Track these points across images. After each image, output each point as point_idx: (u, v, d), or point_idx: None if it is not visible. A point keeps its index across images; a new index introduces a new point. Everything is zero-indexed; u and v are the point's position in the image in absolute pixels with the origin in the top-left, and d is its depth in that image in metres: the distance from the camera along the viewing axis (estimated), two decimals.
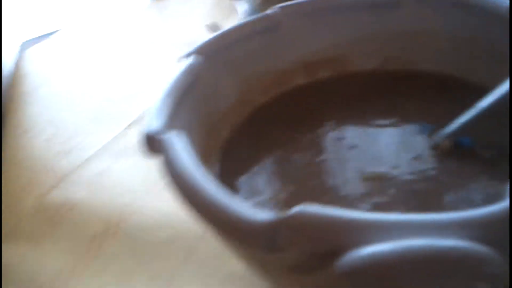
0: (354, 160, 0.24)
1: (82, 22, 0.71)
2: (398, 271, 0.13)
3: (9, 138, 0.48)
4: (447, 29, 0.27)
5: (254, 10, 0.61)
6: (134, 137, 0.47)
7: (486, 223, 0.14)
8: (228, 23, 0.61)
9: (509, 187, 0.15)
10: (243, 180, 0.25)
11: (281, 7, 0.29)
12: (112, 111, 0.48)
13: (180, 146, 0.20)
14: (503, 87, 0.21)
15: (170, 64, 0.57)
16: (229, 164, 0.26)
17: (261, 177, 0.25)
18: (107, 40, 0.64)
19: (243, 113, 0.29)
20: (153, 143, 0.21)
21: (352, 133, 0.26)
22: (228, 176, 0.25)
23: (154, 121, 0.22)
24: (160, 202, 0.35)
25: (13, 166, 0.44)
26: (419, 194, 0.21)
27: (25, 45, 0.66)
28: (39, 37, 0.68)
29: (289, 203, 0.18)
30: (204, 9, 0.67)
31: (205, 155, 0.25)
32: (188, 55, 0.26)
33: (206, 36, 0.56)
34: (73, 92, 0.54)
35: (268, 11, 0.29)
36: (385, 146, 0.24)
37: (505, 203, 0.14)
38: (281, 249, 0.15)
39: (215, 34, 0.28)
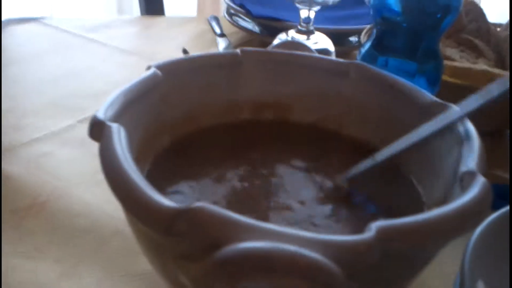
0: (268, 190, 0.27)
1: (67, 14, 0.74)
2: (259, 265, 0.16)
3: None
4: (376, 103, 0.32)
5: (232, 48, 0.65)
6: (84, 131, 0.49)
7: (342, 247, 0.17)
8: None
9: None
10: (167, 188, 0.27)
11: (243, 50, 0.33)
12: (71, 102, 0.50)
13: (117, 136, 0.23)
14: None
15: (137, 76, 0.60)
16: (159, 170, 0.28)
17: (184, 188, 0.28)
18: (86, 37, 0.67)
19: (186, 129, 0.32)
20: (96, 129, 0.23)
21: (274, 170, 0.29)
22: (154, 180, 0.27)
23: (102, 111, 0.24)
24: (89, 194, 0.37)
25: None
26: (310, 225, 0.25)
27: (6, 23, 0.68)
28: (21, 18, 0.70)
29: None
30: (186, 37, 0.71)
31: (141, 154, 0.28)
32: (150, 67, 0.29)
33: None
34: (41, 77, 0.56)
35: (233, 50, 0.33)
36: (296, 184, 0.28)
37: (362, 236, 0.18)
38: (176, 235, 0.18)
39: (179, 57, 0.31)
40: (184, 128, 0.32)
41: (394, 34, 0.40)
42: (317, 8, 0.47)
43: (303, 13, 0.48)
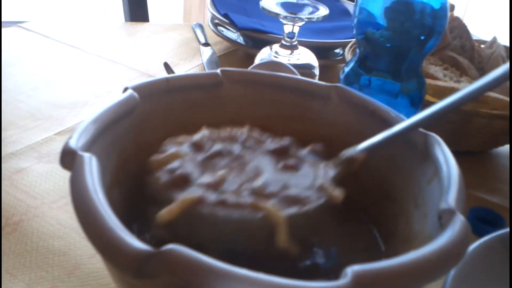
0: None
1: (50, 20, 0.72)
2: None
3: None
4: (356, 129, 0.31)
5: (216, 58, 0.65)
6: (62, 145, 0.48)
7: None
8: (189, 64, 0.65)
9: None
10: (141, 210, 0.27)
11: (224, 71, 0.32)
12: (49, 113, 0.49)
13: (89, 167, 0.22)
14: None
15: (117, 87, 0.59)
16: (133, 196, 0.27)
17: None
18: (67, 44, 0.65)
19: None
20: (67, 158, 0.23)
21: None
22: (129, 207, 0.27)
23: (75, 138, 0.23)
24: (64, 214, 0.36)
25: None
26: None
27: None
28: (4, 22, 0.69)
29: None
30: (170, 45, 0.70)
31: (117, 179, 0.27)
32: (127, 89, 0.28)
33: (162, 71, 0.58)
34: (18, 86, 0.54)
35: (213, 71, 0.32)
36: None
37: (337, 283, 0.17)
38: (146, 277, 0.18)
39: (158, 77, 0.30)
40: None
41: (377, 55, 0.40)
42: (301, 23, 0.46)
43: (287, 28, 0.47)
